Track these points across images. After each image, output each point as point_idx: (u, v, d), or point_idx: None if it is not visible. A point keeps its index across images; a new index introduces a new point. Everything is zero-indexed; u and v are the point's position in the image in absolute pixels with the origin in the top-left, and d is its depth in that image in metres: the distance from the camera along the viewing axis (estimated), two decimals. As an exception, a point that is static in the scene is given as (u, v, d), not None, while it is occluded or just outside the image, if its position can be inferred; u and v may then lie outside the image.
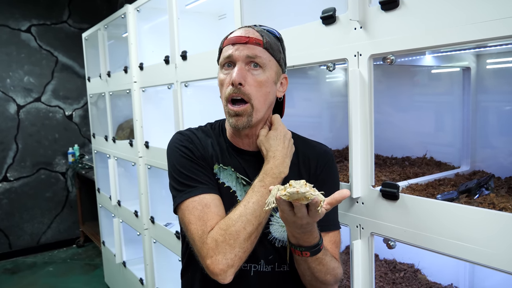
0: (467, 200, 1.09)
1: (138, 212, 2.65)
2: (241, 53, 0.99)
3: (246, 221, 0.95)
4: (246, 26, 1.06)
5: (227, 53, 1.02)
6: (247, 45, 1.00)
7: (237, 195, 1.07)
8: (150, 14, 2.48)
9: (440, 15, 0.93)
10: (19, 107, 4.36)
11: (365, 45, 1.10)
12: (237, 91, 0.99)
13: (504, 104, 1.46)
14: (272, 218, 1.07)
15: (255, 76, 1.00)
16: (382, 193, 1.10)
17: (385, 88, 1.76)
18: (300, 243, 0.93)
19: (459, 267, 1.54)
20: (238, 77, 0.98)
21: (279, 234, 1.07)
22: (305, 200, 0.79)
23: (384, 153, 1.74)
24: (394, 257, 1.73)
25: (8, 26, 4.26)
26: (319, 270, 0.97)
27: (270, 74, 1.02)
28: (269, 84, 1.03)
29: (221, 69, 1.05)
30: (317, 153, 1.14)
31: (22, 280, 3.84)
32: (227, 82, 1.01)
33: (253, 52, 0.99)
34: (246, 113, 1.01)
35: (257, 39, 1.01)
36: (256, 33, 1.02)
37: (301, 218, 0.83)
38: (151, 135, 2.50)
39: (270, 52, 1.03)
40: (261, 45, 1.01)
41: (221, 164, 1.08)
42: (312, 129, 2.02)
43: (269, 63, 1.02)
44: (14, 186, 4.36)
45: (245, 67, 1.00)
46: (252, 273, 1.05)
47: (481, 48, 1.32)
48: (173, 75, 2.07)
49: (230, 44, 1.02)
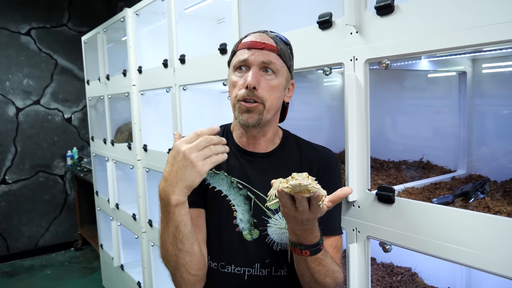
0: (463, 203, 1.10)
1: (136, 215, 2.65)
2: (256, 58, 1.03)
3: (164, 254, 0.98)
4: (260, 31, 1.09)
5: (242, 56, 1.04)
6: (262, 51, 1.03)
7: (229, 198, 1.08)
8: (149, 18, 2.49)
9: (435, 20, 0.94)
10: (18, 110, 4.36)
11: (361, 49, 1.11)
12: (251, 94, 1.02)
13: (500, 108, 1.47)
14: (270, 220, 1.07)
15: (268, 81, 1.04)
16: (378, 197, 1.10)
17: (381, 92, 1.77)
18: (301, 241, 0.93)
19: (456, 270, 1.55)
20: (254, 81, 1.01)
21: (277, 236, 1.07)
22: (307, 193, 0.78)
23: (381, 156, 1.75)
24: (391, 261, 1.74)
25: (8, 29, 4.27)
26: (318, 271, 0.97)
27: (281, 80, 1.06)
28: (280, 89, 1.06)
29: (234, 71, 1.07)
30: (320, 156, 1.15)
31: (19, 283, 3.83)
32: (240, 85, 1.04)
33: (268, 58, 1.03)
34: (258, 111, 1.03)
35: (272, 45, 1.04)
36: (270, 40, 1.06)
37: (302, 213, 0.83)
38: (149, 138, 2.50)
39: (283, 59, 1.06)
40: (275, 52, 1.04)
41: (213, 169, 1.10)
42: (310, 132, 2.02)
43: (281, 70, 1.06)
44: (12, 189, 4.36)
45: (259, 71, 1.03)
46: (246, 277, 1.04)
47: (477, 52, 1.33)
48: (172, 78, 2.08)
49: (246, 48, 1.05)
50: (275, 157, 1.13)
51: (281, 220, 1.06)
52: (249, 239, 1.06)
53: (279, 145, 1.15)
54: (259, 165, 1.11)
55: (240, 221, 1.06)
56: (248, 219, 1.07)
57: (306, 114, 2.05)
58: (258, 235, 1.06)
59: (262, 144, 1.13)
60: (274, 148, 1.14)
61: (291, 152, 1.15)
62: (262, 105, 1.03)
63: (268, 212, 1.07)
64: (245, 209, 1.07)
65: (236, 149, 1.13)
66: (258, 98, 1.02)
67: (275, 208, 1.07)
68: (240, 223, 1.06)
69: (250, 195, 1.09)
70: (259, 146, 1.13)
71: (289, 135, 1.19)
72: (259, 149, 1.13)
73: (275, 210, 1.07)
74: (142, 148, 2.48)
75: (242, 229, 1.06)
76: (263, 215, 1.07)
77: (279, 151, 1.14)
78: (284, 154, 1.14)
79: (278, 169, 1.11)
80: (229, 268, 1.06)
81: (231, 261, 1.06)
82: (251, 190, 1.09)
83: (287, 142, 1.17)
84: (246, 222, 1.06)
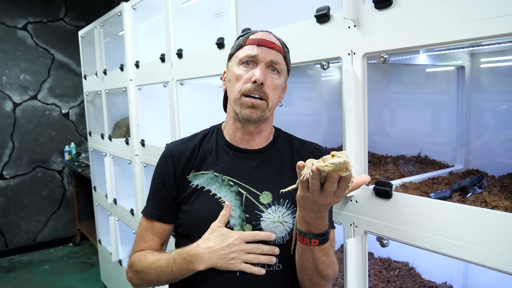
0: (460, 198, 1.10)
1: (134, 211, 2.65)
2: (266, 56, 1.05)
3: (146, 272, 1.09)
4: (266, 31, 1.11)
5: (252, 52, 1.06)
6: (272, 50, 1.07)
7: (219, 196, 1.09)
8: (146, 12, 2.47)
9: (433, 13, 0.93)
10: (15, 105, 4.34)
11: (359, 43, 1.10)
12: (258, 89, 1.04)
13: (498, 103, 1.47)
14: (263, 214, 1.06)
15: (273, 80, 1.07)
16: (376, 192, 1.10)
17: (379, 86, 1.77)
18: (311, 230, 0.94)
19: (453, 265, 1.55)
20: (262, 77, 1.03)
21: (271, 230, 1.05)
22: (345, 172, 0.78)
23: (378, 151, 1.75)
24: (389, 256, 1.74)
25: (4, 23, 4.24)
26: (324, 261, 0.98)
27: (282, 80, 1.10)
28: (280, 89, 1.10)
29: (239, 65, 1.08)
30: (312, 151, 1.16)
31: (18, 278, 3.83)
32: (245, 78, 1.06)
33: (276, 58, 1.06)
34: (261, 108, 1.05)
35: (279, 46, 1.09)
36: (277, 41, 1.10)
37: (327, 196, 0.84)
38: (147, 133, 2.49)
39: (286, 61, 1.11)
40: (282, 53, 1.09)
41: (202, 170, 1.13)
42: (308, 127, 2.03)
43: (283, 71, 1.10)
44: (10, 184, 4.35)
45: (266, 69, 1.06)
46: (238, 273, 1.03)
47: (475, 47, 1.32)
48: (169, 73, 2.07)
49: (255, 44, 1.07)
50: (268, 153, 1.14)
51: (274, 213, 1.06)
52: None
53: (271, 142, 1.16)
54: (251, 162, 1.12)
55: (231, 217, 1.06)
56: (239, 215, 1.06)
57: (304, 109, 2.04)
58: (251, 230, 1.05)
59: (256, 141, 1.14)
60: (266, 145, 1.15)
61: (283, 148, 1.16)
62: (266, 103, 1.06)
63: (261, 207, 1.06)
64: (236, 205, 1.07)
65: (228, 147, 1.14)
66: (264, 94, 1.05)
67: (267, 203, 1.07)
68: (231, 219, 1.06)
69: (241, 191, 1.08)
70: (253, 143, 1.14)
71: (280, 132, 1.21)
72: (253, 146, 1.14)
73: (267, 204, 1.07)
74: (140, 143, 2.47)
75: (233, 225, 1.06)
76: (256, 209, 1.06)
77: (271, 147, 1.15)
78: (276, 150, 1.15)
79: (271, 165, 1.12)
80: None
81: None
82: (242, 186, 1.09)
83: (279, 138, 1.18)
84: (237, 217, 1.06)
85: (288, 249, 1.06)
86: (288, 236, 1.07)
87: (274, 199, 1.08)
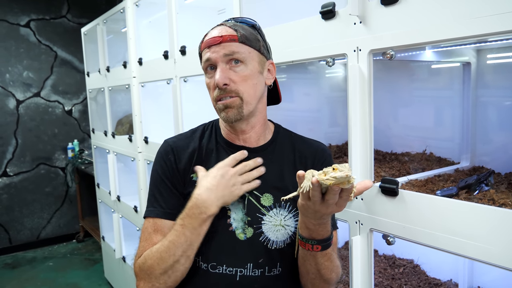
0: (467, 196, 1.09)
1: (137, 208, 2.65)
2: (218, 54, 0.99)
3: (159, 258, 0.98)
4: (219, 24, 1.05)
5: (205, 57, 1.02)
6: (221, 45, 0.99)
7: None
8: (149, 8, 2.46)
9: (440, 9, 0.92)
10: (18, 102, 4.35)
11: (365, 40, 1.09)
12: (223, 92, 1.00)
13: (504, 99, 1.45)
14: (264, 217, 1.04)
15: (238, 73, 1.00)
16: (382, 189, 1.09)
17: (385, 83, 1.76)
18: (313, 236, 0.92)
19: (459, 262, 1.54)
20: (222, 79, 0.98)
21: (273, 234, 1.04)
22: (347, 184, 0.77)
23: (383, 148, 1.74)
24: (394, 253, 1.74)
25: (7, 20, 4.24)
26: (326, 266, 0.96)
27: (253, 66, 1.02)
28: (254, 76, 1.02)
29: (205, 74, 1.05)
30: (314, 150, 1.12)
31: (22, 274, 3.85)
32: (213, 85, 1.02)
33: (230, 49, 0.99)
34: (236, 105, 1.00)
35: (231, 35, 1.00)
36: (229, 29, 1.01)
37: (328, 206, 0.82)
38: (150, 131, 2.49)
39: (248, 44, 1.01)
40: (236, 40, 1.00)
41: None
42: (312, 124, 2.02)
43: (249, 56, 1.01)
44: (13, 181, 4.37)
45: (226, 66, 1.00)
46: (238, 278, 1.01)
47: (482, 43, 1.31)
48: (172, 70, 2.06)
49: (206, 47, 1.02)
50: (267, 152, 1.09)
51: (276, 216, 1.04)
52: (242, 239, 1.03)
53: (270, 139, 1.12)
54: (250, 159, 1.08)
55: (234, 220, 1.04)
56: (241, 218, 1.04)
57: (307, 105, 2.03)
58: (252, 233, 1.03)
59: (253, 137, 1.09)
60: (265, 143, 1.11)
61: (284, 146, 1.12)
62: (239, 99, 1.00)
63: (263, 209, 1.04)
64: (238, 208, 1.05)
65: (226, 145, 1.10)
66: (232, 93, 1.00)
67: (269, 205, 1.05)
68: (233, 222, 1.04)
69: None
70: (250, 139, 1.09)
71: (280, 129, 1.16)
72: (251, 143, 1.09)
73: (269, 207, 1.05)
74: (143, 140, 2.47)
75: (235, 228, 1.04)
76: (258, 212, 1.04)
77: (270, 146, 1.11)
78: (276, 149, 1.11)
79: (272, 165, 1.08)
80: (220, 269, 1.03)
81: (222, 261, 1.03)
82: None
83: (279, 136, 1.13)
84: (240, 220, 1.04)
85: (289, 252, 1.05)
86: (289, 240, 1.05)
87: (275, 202, 1.05)
